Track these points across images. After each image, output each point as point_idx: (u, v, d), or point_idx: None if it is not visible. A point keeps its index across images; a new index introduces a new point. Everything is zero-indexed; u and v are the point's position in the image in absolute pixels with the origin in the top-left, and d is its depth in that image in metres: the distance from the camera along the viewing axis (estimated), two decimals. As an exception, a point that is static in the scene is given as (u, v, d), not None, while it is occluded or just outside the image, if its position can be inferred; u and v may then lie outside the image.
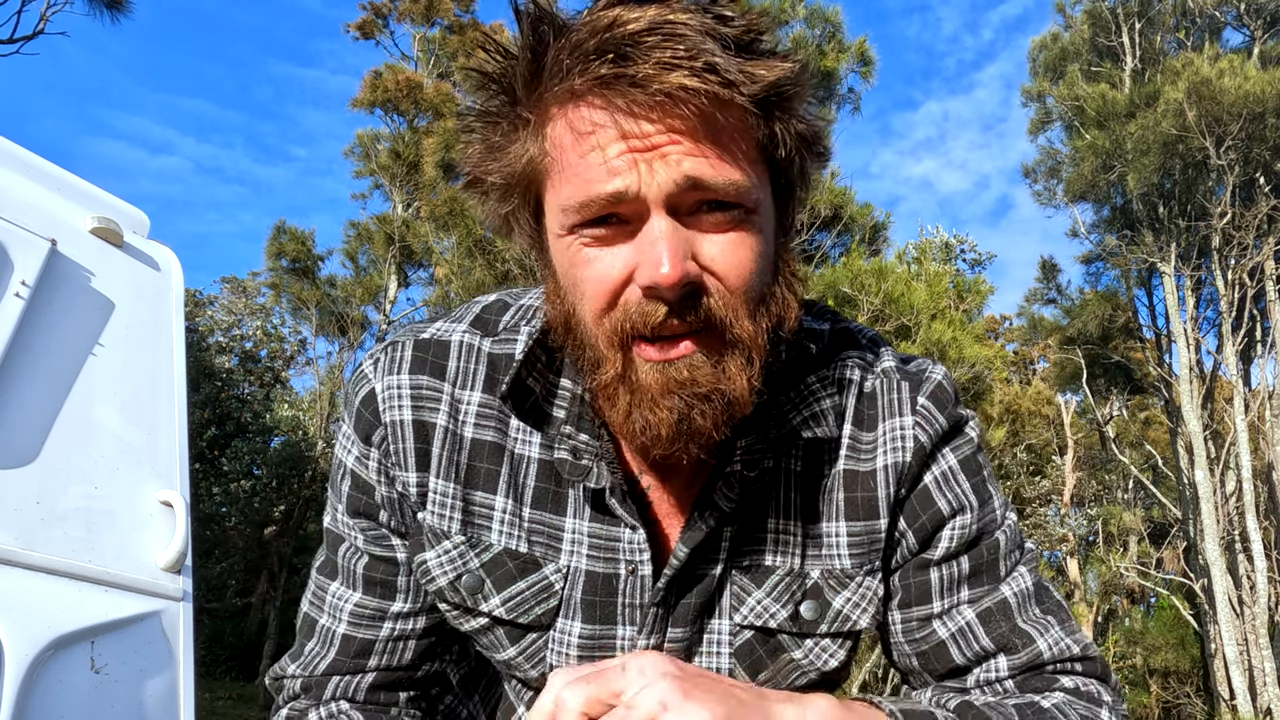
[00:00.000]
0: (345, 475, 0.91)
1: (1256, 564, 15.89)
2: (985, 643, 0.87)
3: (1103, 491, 25.56)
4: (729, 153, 0.70)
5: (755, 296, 0.74)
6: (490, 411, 0.86)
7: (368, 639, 0.92)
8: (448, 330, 0.89)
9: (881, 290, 10.39)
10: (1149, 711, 19.75)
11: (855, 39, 12.56)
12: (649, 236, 0.69)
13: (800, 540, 0.87)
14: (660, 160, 0.68)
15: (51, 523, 1.62)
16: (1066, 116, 17.84)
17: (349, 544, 0.92)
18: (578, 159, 0.70)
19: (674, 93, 0.66)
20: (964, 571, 0.88)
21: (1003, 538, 0.89)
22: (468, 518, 0.86)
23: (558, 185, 0.72)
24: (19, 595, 1.51)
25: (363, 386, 0.88)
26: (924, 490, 0.88)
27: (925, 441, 0.87)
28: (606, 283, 0.71)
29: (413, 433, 0.86)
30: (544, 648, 0.88)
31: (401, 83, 19.85)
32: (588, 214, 0.70)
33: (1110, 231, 17.96)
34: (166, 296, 2.07)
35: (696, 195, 0.70)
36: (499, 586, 0.86)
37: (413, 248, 18.96)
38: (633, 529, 0.84)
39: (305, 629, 0.95)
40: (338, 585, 0.93)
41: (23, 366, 1.68)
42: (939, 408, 0.88)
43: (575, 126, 0.69)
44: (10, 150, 1.88)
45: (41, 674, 1.49)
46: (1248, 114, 14.87)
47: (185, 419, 1.99)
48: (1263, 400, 16.84)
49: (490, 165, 0.76)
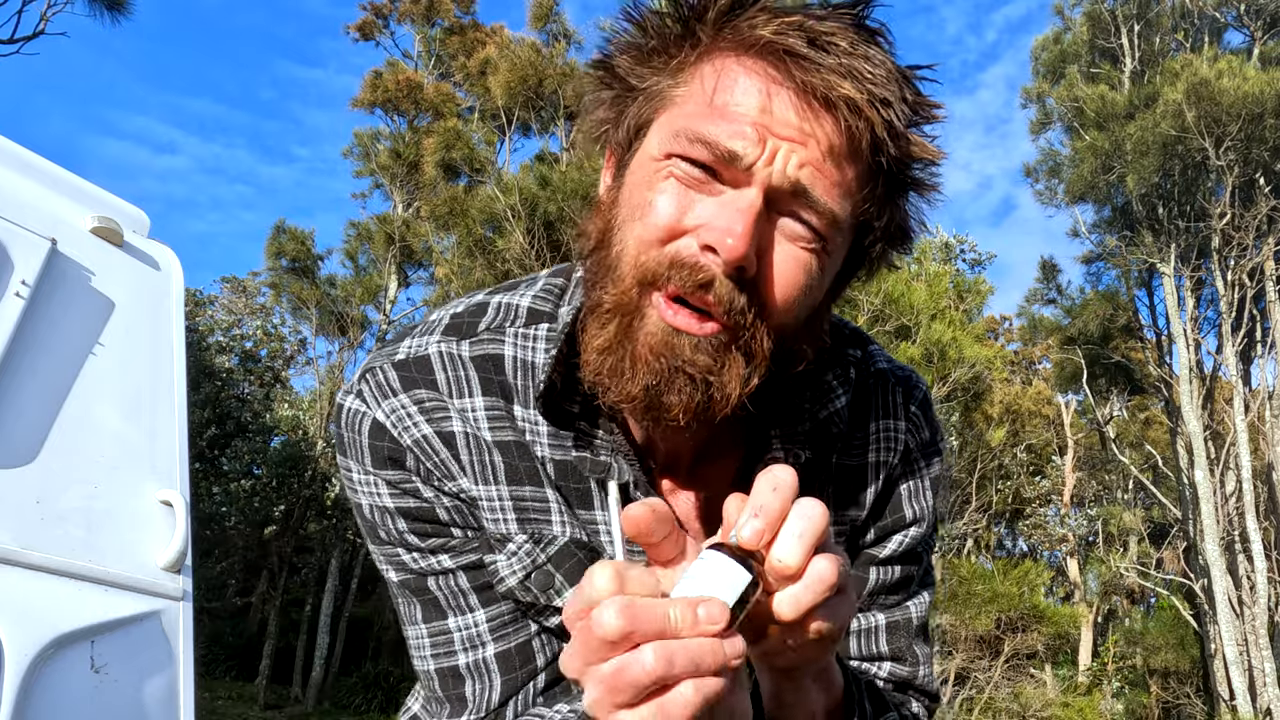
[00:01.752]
0: (393, 517, 0.85)
1: (1256, 564, 15.89)
2: (883, 648, 0.92)
3: (1103, 492, 25.56)
4: (843, 186, 0.70)
5: (789, 321, 0.72)
6: (499, 413, 0.84)
7: (523, 641, 0.87)
8: (421, 345, 0.85)
9: (881, 290, 10.39)
10: (1149, 711, 19.76)
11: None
12: (737, 204, 0.68)
13: None
14: (787, 151, 0.68)
15: (51, 523, 1.62)
16: (1066, 117, 17.85)
17: (437, 577, 0.86)
18: (723, 101, 0.69)
19: (839, 101, 0.66)
20: (893, 579, 0.92)
21: (927, 558, 0.95)
22: (522, 515, 0.84)
23: (685, 111, 0.71)
24: (19, 595, 1.51)
25: (362, 421, 0.84)
26: (897, 495, 0.91)
27: (913, 446, 0.91)
28: (670, 218, 0.69)
29: (442, 444, 0.83)
30: None
31: (402, 83, 19.86)
32: (697, 152, 0.69)
33: (1110, 232, 17.97)
34: (166, 296, 2.07)
35: (795, 204, 0.69)
36: (571, 579, 0.84)
37: (413, 247, 18.97)
38: None
39: (449, 682, 0.87)
40: (455, 620, 0.86)
41: (22, 366, 1.68)
42: (927, 417, 0.92)
43: (743, 67, 0.69)
44: (10, 150, 1.88)
45: (41, 674, 1.49)
46: (1247, 115, 14.88)
47: (185, 419, 1.99)
48: (1263, 400, 16.84)
49: (630, 62, 0.75)
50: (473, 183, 17.18)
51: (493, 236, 13.83)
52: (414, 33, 21.96)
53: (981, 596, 14.81)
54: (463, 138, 17.61)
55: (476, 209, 14.23)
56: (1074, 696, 17.17)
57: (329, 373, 20.06)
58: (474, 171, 17.30)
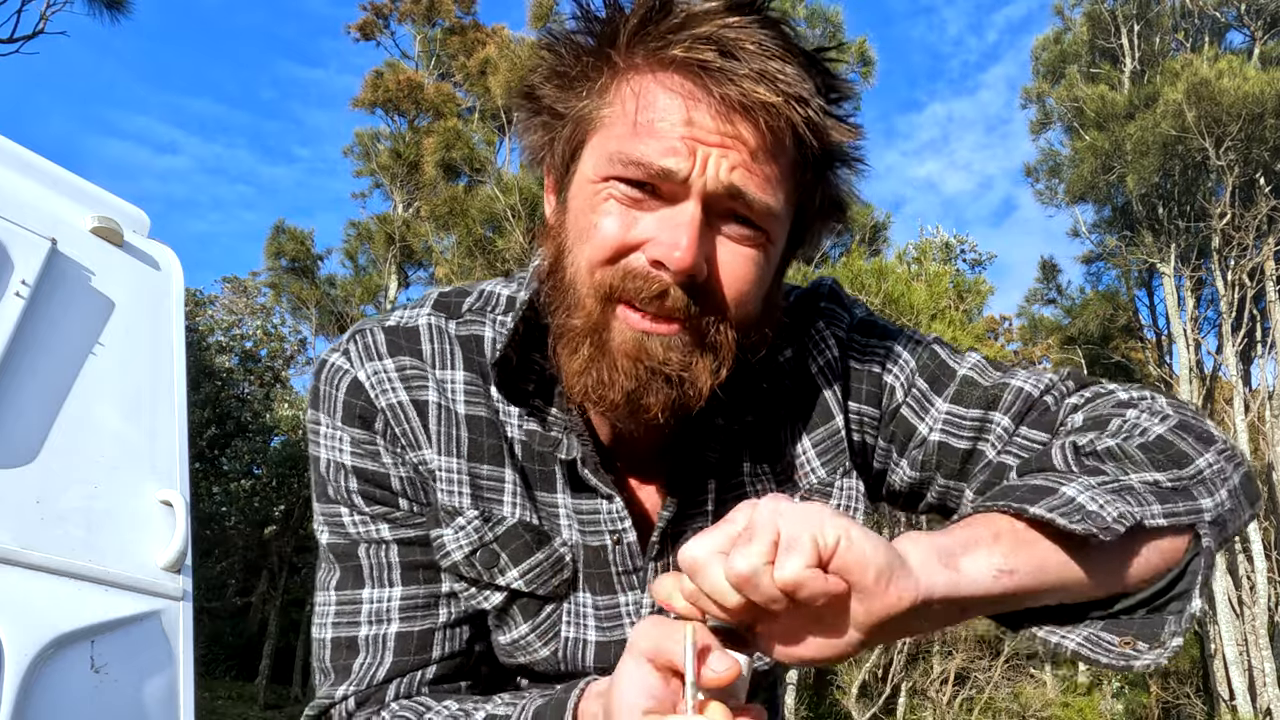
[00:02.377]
0: (347, 474, 0.87)
1: (1256, 564, 15.90)
2: (971, 414, 0.87)
3: (1102, 492, 25.54)
4: (775, 180, 0.73)
5: (745, 313, 0.77)
6: (477, 389, 0.87)
7: (426, 629, 0.88)
8: (412, 316, 0.89)
9: (881, 290, 10.40)
10: (1148, 711, 19.76)
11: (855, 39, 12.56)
12: (678, 218, 0.72)
13: (773, 472, 0.91)
14: (717, 158, 0.71)
15: (51, 523, 1.62)
16: (1066, 118, 17.85)
17: (370, 544, 0.88)
18: (647, 119, 0.72)
19: (758, 106, 0.70)
20: (923, 388, 0.91)
21: (938, 347, 0.93)
22: (476, 492, 0.86)
23: (614, 133, 0.74)
24: (19, 595, 1.51)
25: (342, 378, 0.86)
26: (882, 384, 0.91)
27: (842, 335, 0.92)
28: (616, 239, 0.73)
29: (414, 411, 0.86)
30: (559, 620, 0.89)
31: (402, 82, 19.85)
32: (632, 173, 0.72)
33: (1110, 232, 17.98)
34: (166, 296, 2.07)
35: (732, 205, 0.73)
36: (516, 559, 0.87)
37: (413, 247, 18.97)
38: (609, 498, 0.86)
39: (341, 651, 0.88)
40: (370, 590, 0.88)
41: (23, 366, 1.68)
42: (837, 303, 0.95)
43: (661, 84, 0.72)
44: (10, 149, 1.88)
45: (41, 674, 1.49)
46: (1247, 115, 14.88)
47: (185, 419, 1.99)
48: (1263, 400, 16.85)
49: (555, 90, 0.78)
50: (473, 183, 17.18)
51: (493, 236, 13.83)
52: (414, 33, 21.96)
53: (981, 596, 14.77)
54: (463, 138, 17.61)
55: (476, 209, 14.24)
56: (1074, 696, 17.16)
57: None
58: (474, 171, 17.30)
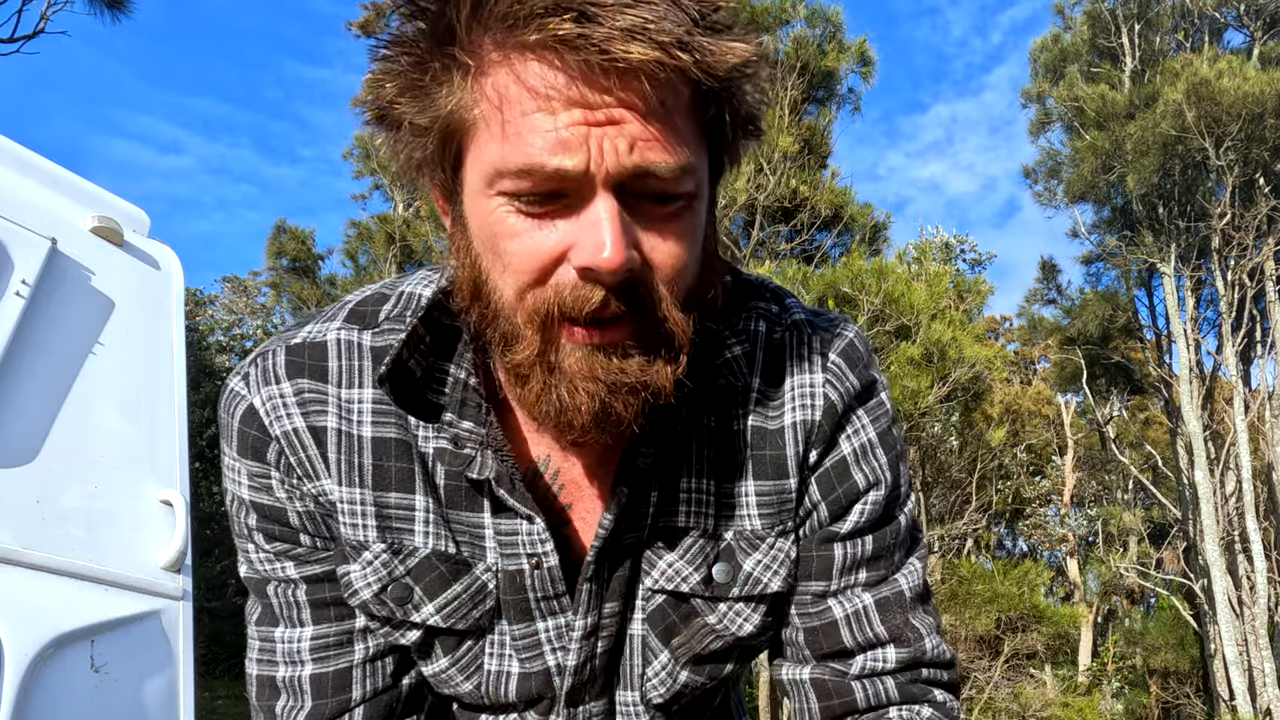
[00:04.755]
0: (247, 510, 0.82)
1: (1256, 564, 15.89)
2: (879, 630, 0.86)
3: (1103, 492, 25.56)
4: (679, 134, 0.65)
5: (688, 287, 0.70)
6: (387, 408, 0.79)
7: (342, 669, 0.84)
8: (320, 331, 0.81)
9: (881, 290, 10.39)
10: (1148, 711, 19.76)
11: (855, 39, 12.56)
12: (592, 217, 0.64)
13: (714, 502, 0.83)
14: (611, 138, 0.62)
15: (51, 522, 1.62)
16: (1066, 117, 17.84)
17: (277, 580, 0.84)
18: (520, 118, 0.62)
19: (635, 64, 0.60)
20: (866, 553, 0.86)
21: (903, 520, 0.88)
22: (383, 523, 0.80)
23: (491, 142, 0.64)
24: (19, 595, 1.51)
25: (238, 405, 0.80)
26: (841, 462, 0.84)
27: (836, 400, 0.83)
28: (537, 259, 0.65)
29: (311, 439, 0.79)
30: (481, 654, 0.84)
31: (402, 82, 19.84)
32: (525, 184, 0.64)
33: (1110, 232, 17.97)
34: (166, 296, 2.07)
35: (644, 183, 0.65)
36: (431, 593, 0.80)
37: (413, 247, 18.97)
38: (529, 519, 0.79)
39: (265, 691, 0.85)
40: (283, 629, 0.84)
41: (23, 366, 1.68)
42: (850, 365, 0.84)
43: (523, 81, 0.62)
44: (10, 149, 1.88)
45: (41, 673, 1.49)
46: (1247, 115, 14.87)
47: (185, 418, 1.99)
48: (1263, 400, 16.84)
49: (409, 105, 0.67)
50: (473, 182, 17.17)
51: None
52: (414, 32, 21.96)
53: (981, 596, 14.79)
54: (463, 137, 17.57)
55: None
56: (1074, 696, 17.16)
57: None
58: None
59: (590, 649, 0.84)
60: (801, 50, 11.99)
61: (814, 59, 12.05)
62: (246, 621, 0.87)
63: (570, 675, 0.84)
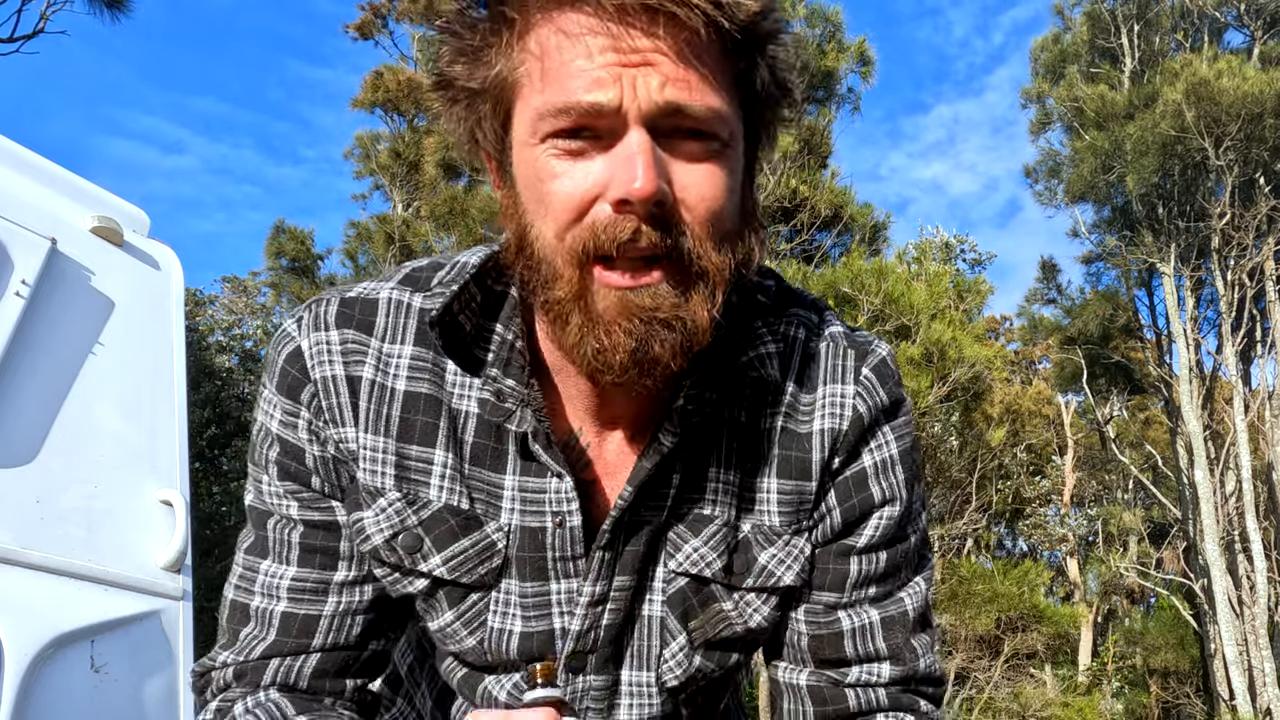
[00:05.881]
0: (271, 441, 0.86)
1: (1256, 564, 15.90)
2: (880, 646, 0.89)
3: (1103, 491, 25.56)
4: (710, 79, 0.69)
5: (723, 230, 0.73)
6: (424, 365, 0.84)
7: (311, 615, 0.87)
8: (375, 289, 0.86)
9: (881, 290, 10.40)
10: (1148, 711, 19.76)
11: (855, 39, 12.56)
12: (625, 150, 0.68)
13: (736, 493, 0.87)
14: (644, 77, 0.67)
15: (51, 522, 1.62)
16: (1066, 118, 17.85)
17: (279, 516, 0.87)
18: (560, 64, 0.68)
19: (664, 6, 0.65)
20: (879, 569, 0.89)
21: (914, 540, 0.92)
22: (402, 473, 0.84)
23: (535, 90, 0.70)
24: (19, 595, 1.51)
25: (286, 344, 0.85)
26: (860, 472, 0.87)
27: (864, 413, 0.86)
28: (575, 197, 0.70)
29: (346, 387, 0.83)
30: (485, 610, 0.87)
31: (402, 83, 19.86)
32: (564, 122, 0.68)
33: (1110, 232, 17.98)
34: (166, 296, 2.07)
35: (676, 121, 0.69)
36: (439, 545, 0.84)
37: (413, 247, 18.96)
38: (559, 477, 0.82)
39: (236, 615, 0.89)
40: (270, 563, 0.88)
41: (22, 366, 1.68)
42: (881, 382, 0.88)
43: (562, 29, 0.68)
44: (10, 149, 1.89)
45: (41, 673, 1.49)
46: (1246, 114, 14.88)
47: (185, 418, 1.99)
48: (1262, 400, 16.85)
49: (464, 68, 0.74)
50: (473, 182, 17.18)
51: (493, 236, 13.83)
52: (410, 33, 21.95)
53: (981, 596, 14.80)
54: (463, 138, 17.56)
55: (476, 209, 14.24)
56: (1074, 696, 17.16)
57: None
58: (474, 171, 17.29)
59: (595, 618, 0.87)
60: (801, 50, 11.99)
61: (813, 59, 12.06)
62: (237, 546, 0.91)
63: (573, 640, 0.87)
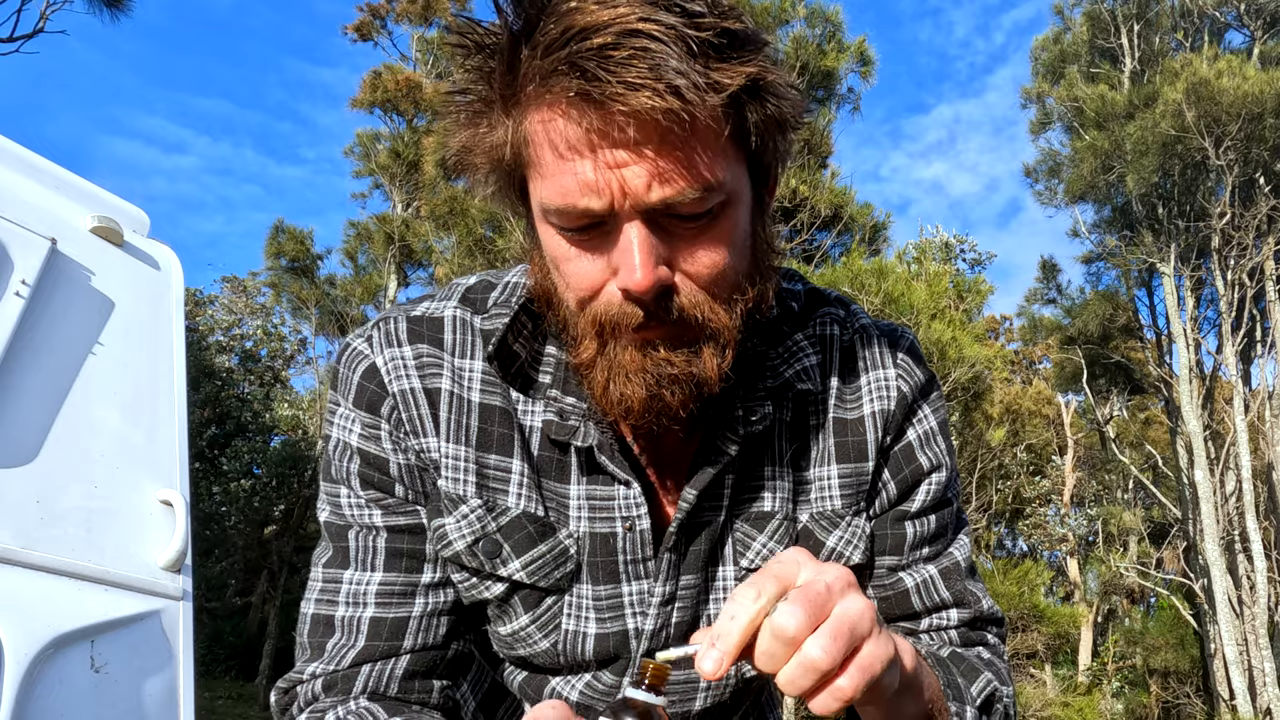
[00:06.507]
0: (351, 455, 0.89)
1: (1256, 564, 15.90)
2: (944, 595, 0.97)
3: (1103, 491, 25.56)
4: (698, 160, 0.70)
5: (730, 286, 0.77)
6: (493, 379, 0.89)
7: (400, 617, 0.89)
8: (438, 308, 0.91)
9: (881, 290, 10.40)
10: (1149, 711, 19.76)
11: (855, 39, 12.56)
12: (625, 243, 0.72)
13: (791, 487, 0.93)
14: (631, 178, 0.69)
15: (51, 522, 1.62)
16: (1066, 117, 17.85)
17: (361, 527, 0.90)
18: (553, 162, 0.71)
19: (640, 113, 0.66)
20: (930, 530, 0.97)
21: (955, 502, 1.00)
22: (482, 481, 0.88)
23: (539, 177, 0.74)
24: (19, 595, 1.51)
25: (360, 362, 0.89)
26: (908, 445, 0.95)
27: (907, 392, 0.95)
28: (588, 279, 0.75)
29: (425, 399, 0.87)
30: (560, 613, 0.90)
31: (401, 83, 19.85)
32: (565, 221, 0.73)
33: (1110, 232, 17.97)
34: (166, 296, 2.07)
35: (671, 207, 0.71)
36: (518, 550, 0.88)
37: (412, 247, 18.96)
38: (627, 484, 0.87)
39: (319, 628, 0.90)
40: (353, 572, 0.89)
41: (23, 366, 1.68)
42: (916, 362, 0.97)
43: (551, 132, 0.71)
44: (10, 149, 1.88)
45: (41, 673, 1.49)
46: (1246, 114, 14.88)
47: (185, 418, 1.99)
48: (1263, 400, 16.84)
49: (474, 153, 0.78)
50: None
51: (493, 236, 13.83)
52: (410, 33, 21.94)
53: (981, 596, 14.77)
54: (463, 137, 17.54)
55: (476, 208, 14.23)
56: (1074, 696, 17.16)
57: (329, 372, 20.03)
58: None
59: (666, 617, 0.91)
60: (801, 50, 12.00)
61: (813, 59, 12.05)
62: (313, 564, 0.93)
63: (647, 639, 0.91)
